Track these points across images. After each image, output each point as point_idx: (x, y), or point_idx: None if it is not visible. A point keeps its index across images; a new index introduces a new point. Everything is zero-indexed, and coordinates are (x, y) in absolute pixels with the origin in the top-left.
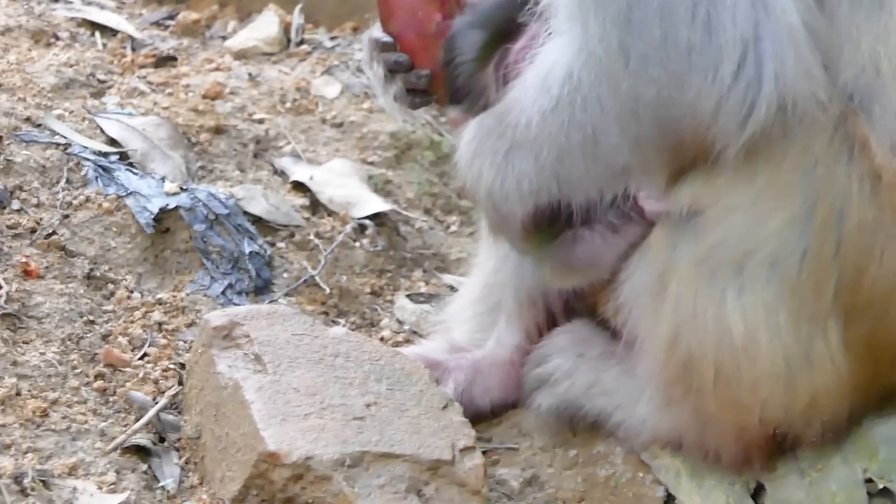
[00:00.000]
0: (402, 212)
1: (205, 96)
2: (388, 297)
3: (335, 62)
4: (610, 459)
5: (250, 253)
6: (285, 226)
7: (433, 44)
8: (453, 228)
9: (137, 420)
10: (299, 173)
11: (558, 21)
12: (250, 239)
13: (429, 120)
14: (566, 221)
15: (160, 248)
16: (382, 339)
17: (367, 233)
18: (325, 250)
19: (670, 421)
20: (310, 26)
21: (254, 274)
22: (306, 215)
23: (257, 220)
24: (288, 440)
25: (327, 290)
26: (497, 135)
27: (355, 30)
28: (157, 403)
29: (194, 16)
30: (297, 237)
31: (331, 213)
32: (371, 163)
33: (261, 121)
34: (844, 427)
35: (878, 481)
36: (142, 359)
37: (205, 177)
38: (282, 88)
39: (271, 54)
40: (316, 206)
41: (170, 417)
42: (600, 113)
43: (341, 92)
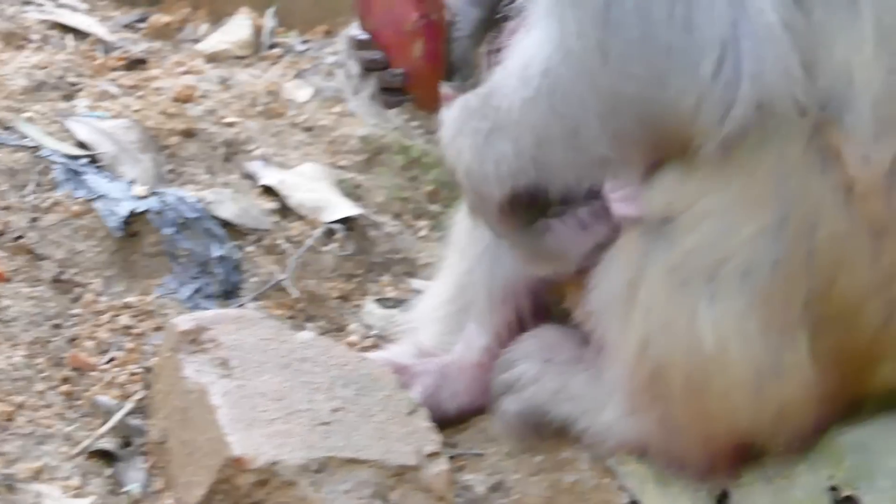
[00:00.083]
0: (372, 216)
1: (175, 99)
2: (357, 302)
3: (307, 66)
4: (576, 465)
5: (219, 257)
6: (254, 230)
7: (410, 42)
8: (423, 233)
9: (103, 424)
10: (269, 177)
11: (537, 14)
12: (219, 243)
13: (399, 124)
14: (544, 207)
15: (128, 251)
16: (350, 344)
17: (336, 237)
18: (293, 254)
19: (636, 427)
20: (282, 30)
21: (222, 278)
22: (275, 219)
23: (226, 223)
24: (253, 445)
25: (295, 295)
26: (480, 115)
27: (328, 33)
28: (122, 408)
29: (166, 18)
30: (266, 241)
31: (300, 218)
32: (341, 167)
33: (231, 124)
34: (811, 436)
35: (843, 489)
36: (108, 363)
37: (174, 180)
38: (253, 92)
39: (243, 57)
40: (285, 210)
41: (135, 422)
42: (580, 107)
43: (312, 96)
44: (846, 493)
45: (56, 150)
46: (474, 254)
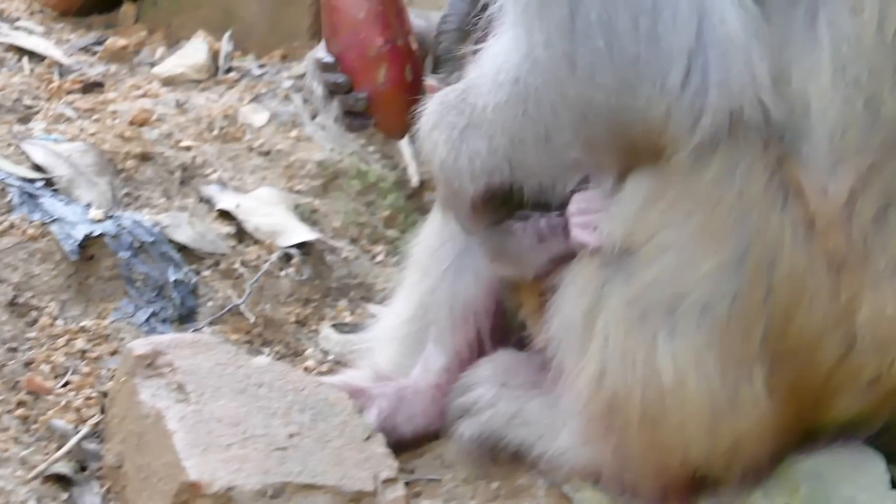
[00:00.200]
0: (329, 241)
1: (132, 123)
2: (313, 327)
3: (263, 90)
4: (532, 492)
5: (175, 281)
6: (211, 254)
7: (374, 66)
8: (379, 258)
9: (59, 448)
10: (225, 201)
11: (506, 20)
12: (175, 267)
13: (356, 149)
14: (516, 206)
15: (84, 275)
16: (307, 368)
17: (292, 262)
18: (250, 279)
19: (590, 454)
20: (238, 53)
21: (178, 302)
22: (232, 243)
23: (183, 247)
24: (210, 470)
25: (252, 320)
26: (457, 111)
27: (284, 58)
28: (78, 432)
29: (122, 42)
30: (223, 265)
31: (257, 242)
32: (298, 191)
33: (188, 148)
34: (766, 466)
35: None
36: (64, 386)
37: (130, 204)
38: (209, 116)
39: (199, 81)
40: (242, 234)
41: (91, 446)
42: (551, 114)
43: (269, 120)
44: None
45: (12, 173)
46: (437, 272)
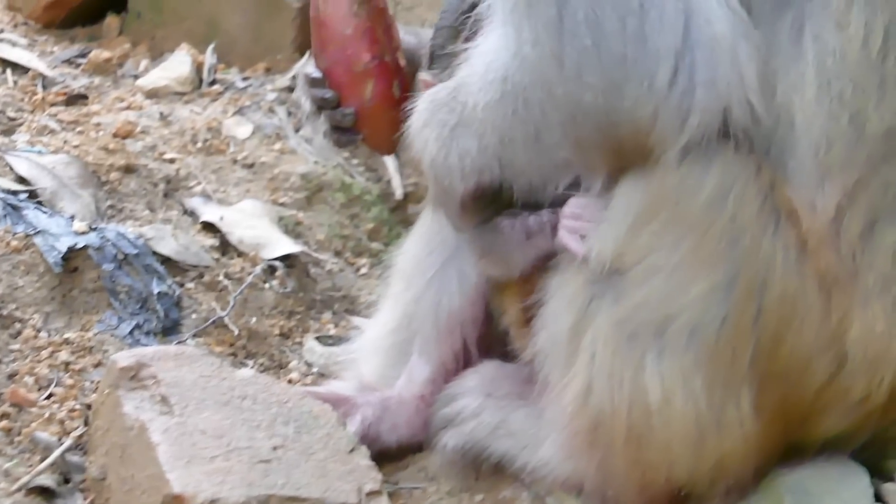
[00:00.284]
0: (313, 253)
1: (115, 135)
2: (297, 339)
3: (247, 102)
4: None
5: (159, 293)
6: (195, 266)
7: (361, 82)
8: (363, 271)
9: (42, 460)
10: (209, 213)
11: (496, 18)
12: (159, 279)
13: (340, 162)
14: (506, 204)
15: (68, 287)
16: (291, 381)
17: (276, 274)
18: (234, 291)
19: (573, 468)
20: (222, 66)
21: (162, 314)
22: (216, 256)
23: (166, 260)
24: (194, 482)
25: (236, 332)
26: (448, 109)
27: (268, 70)
28: (62, 444)
29: (106, 54)
30: (207, 278)
31: (241, 254)
32: (282, 204)
33: (172, 160)
34: (750, 482)
35: None
36: (48, 399)
37: (114, 216)
38: (193, 128)
39: (183, 93)
40: (226, 246)
41: (75, 458)
42: (540, 113)
43: (253, 132)
44: None
45: None
46: (421, 282)
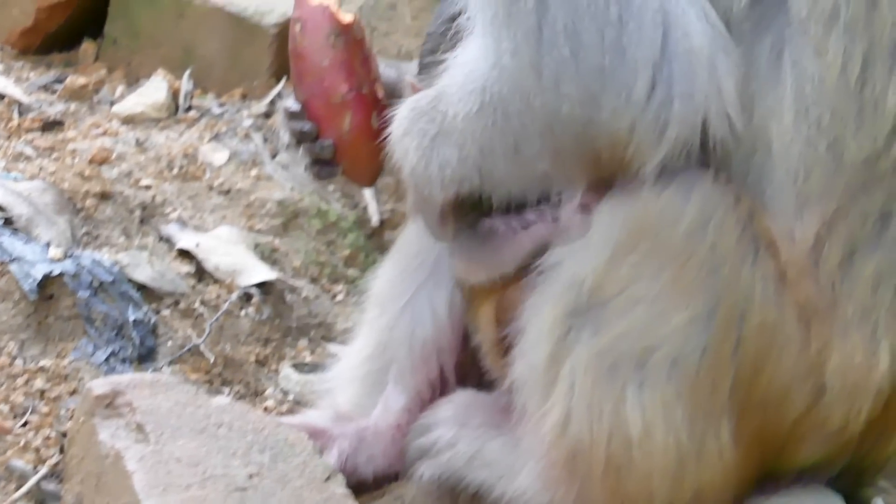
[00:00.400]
0: (289, 280)
1: (91, 161)
2: (273, 367)
3: (223, 129)
4: None
5: (134, 320)
6: (170, 293)
7: (339, 114)
8: (339, 298)
9: (18, 489)
10: (185, 240)
11: (475, 30)
12: (135, 306)
13: (316, 188)
14: (487, 211)
15: (44, 314)
16: (266, 408)
17: (252, 301)
18: (210, 318)
19: (551, 497)
20: (198, 92)
21: (138, 342)
22: (192, 283)
23: (142, 287)
24: None
25: (212, 359)
26: (428, 118)
27: (244, 96)
28: (37, 472)
29: (82, 80)
30: (183, 305)
31: (216, 281)
32: (258, 230)
33: (147, 187)
34: None
35: None
36: (23, 426)
37: (90, 243)
38: (169, 154)
39: (159, 120)
40: (202, 273)
41: (51, 486)
42: (519, 124)
43: (229, 159)
44: None
45: None
46: (395, 309)
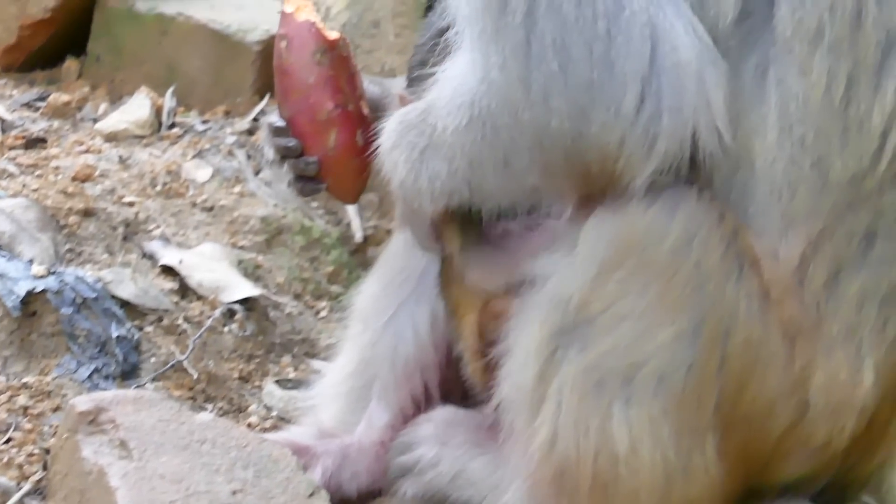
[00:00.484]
0: (272, 297)
1: (74, 178)
2: (257, 383)
3: (206, 146)
4: None
5: (118, 337)
6: (154, 310)
7: (324, 131)
8: (323, 314)
9: None
10: (168, 257)
11: (464, 44)
12: (118, 323)
13: (299, 205)
14: (477, 223)
15: (27, 331)
16: (250, 425)
17: (236, 317)
18: (193, 335)
19: None
20: (182, 109)
21: (121, 358)
22: (175, 299)
23: (125, 303)
24: None
25: (195, 376)
26: (417, 131)
27: (227, 113)
28: (21, 489)
29: (65, 97)
30: (166, 321)
31: (200, 298)
32: (241, 247)
33: (131, 204)
34: None
35: None
36: (6, 443)
37: (73, 260)
38: (152, 171)
39: (142, 137)
40: (185, 290)
41: (34, 503)
42: (508, 138)
43: (212, 175)
44: None
45: None
46: (378, 325)
